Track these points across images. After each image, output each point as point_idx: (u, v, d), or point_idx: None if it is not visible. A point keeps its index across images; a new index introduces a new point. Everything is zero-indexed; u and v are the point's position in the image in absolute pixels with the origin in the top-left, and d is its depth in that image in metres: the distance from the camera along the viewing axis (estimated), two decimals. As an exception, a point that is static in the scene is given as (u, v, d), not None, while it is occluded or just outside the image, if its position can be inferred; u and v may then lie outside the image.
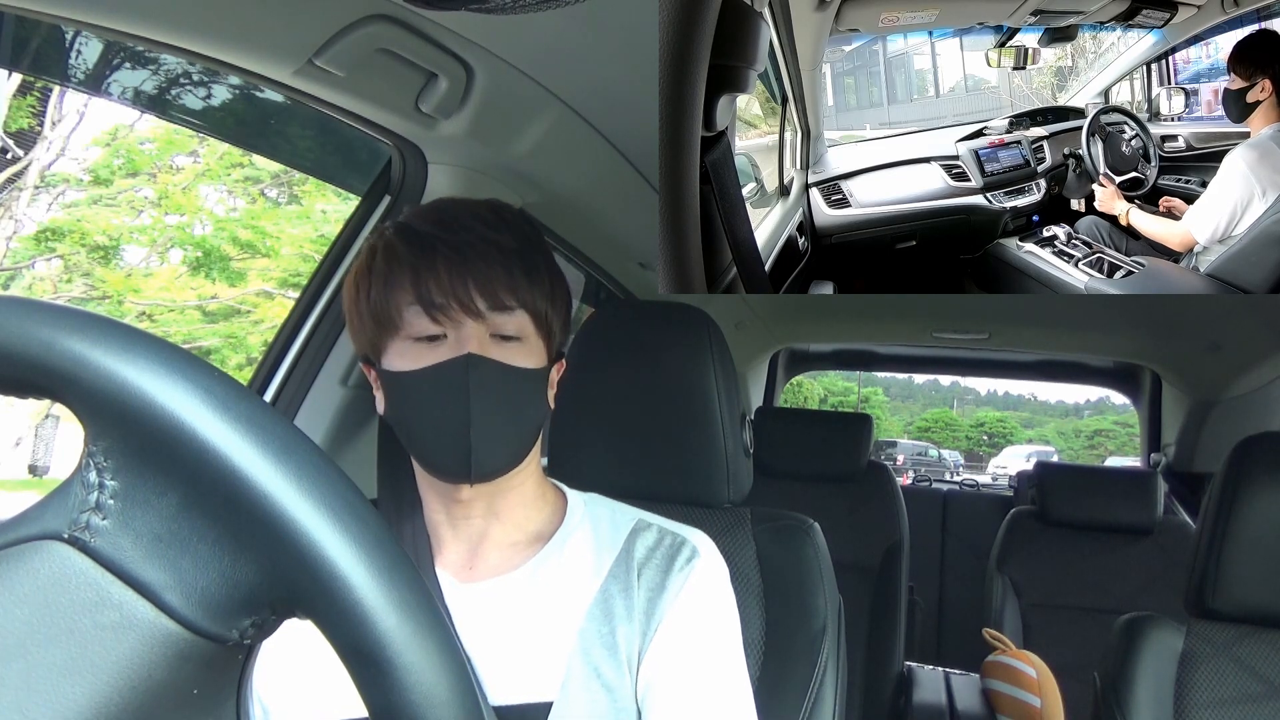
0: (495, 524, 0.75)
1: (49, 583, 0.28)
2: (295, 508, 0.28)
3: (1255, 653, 1.03)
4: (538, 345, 0.72)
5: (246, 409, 0.28)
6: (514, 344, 0.71)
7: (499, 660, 0.69)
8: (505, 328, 0.70)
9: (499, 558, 0.74)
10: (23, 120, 6.62)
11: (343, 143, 1.59)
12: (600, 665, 0.70)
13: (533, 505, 0.77)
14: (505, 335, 0.70)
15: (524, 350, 0.71)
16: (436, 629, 0.29)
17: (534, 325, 0.72)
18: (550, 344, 0.74)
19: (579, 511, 0.78)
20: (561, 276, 0.76)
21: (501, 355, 0.69)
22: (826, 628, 0.95)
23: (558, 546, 0.75)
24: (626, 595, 0.72)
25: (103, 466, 0.29)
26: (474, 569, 0.74)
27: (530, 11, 0.65)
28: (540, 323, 0.72)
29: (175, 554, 0.29)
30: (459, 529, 0.75)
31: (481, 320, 0.69)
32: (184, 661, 0.29)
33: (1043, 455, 15.81)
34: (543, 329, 0.73)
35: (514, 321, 0.70)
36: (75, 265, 7.02)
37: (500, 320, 0.70)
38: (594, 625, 0.71)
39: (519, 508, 0.76)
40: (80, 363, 0.28)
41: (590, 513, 0.78)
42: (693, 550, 0.75)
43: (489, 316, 0.69)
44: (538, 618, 0.71)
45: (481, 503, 0.74)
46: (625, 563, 0.74)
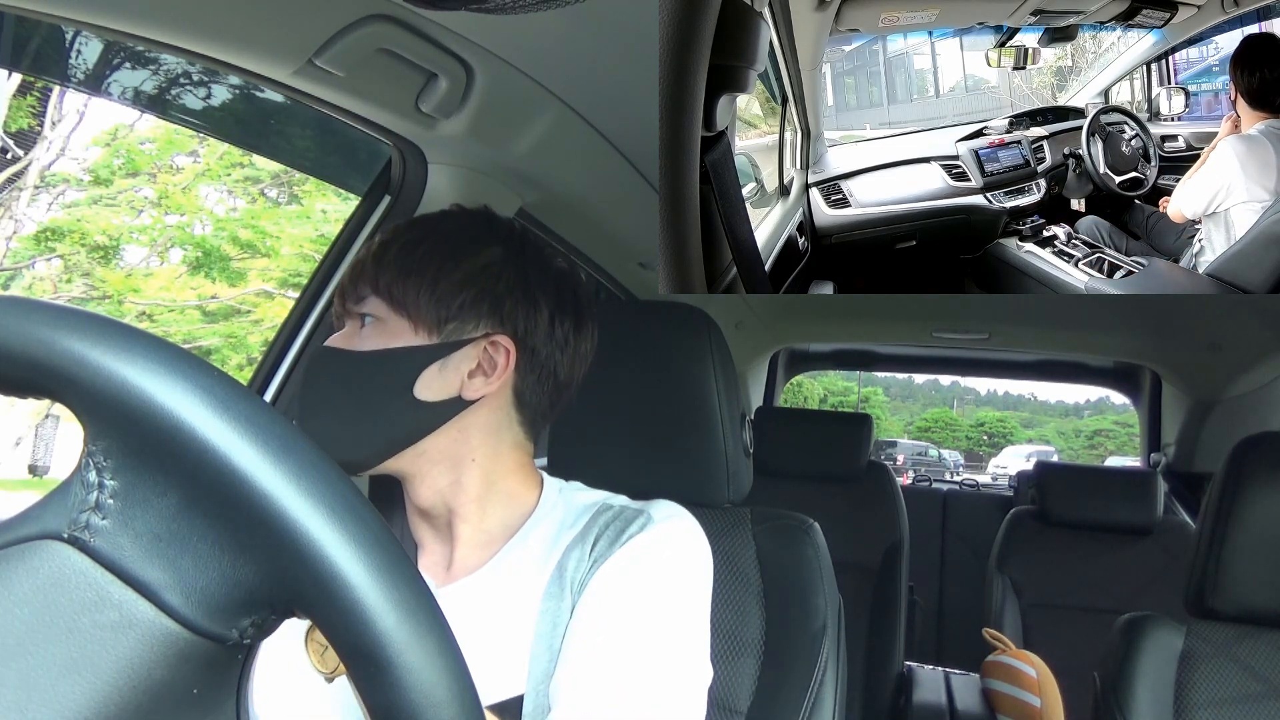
0: (460, 523, 0.73)
1: (49, 582, 0.28)
2: (295, 507, 0.28)
3: (1255, 652, 1.03)
4: (399, 325, 0.70)
5: (246, 409, 0.28)
6: (370, 328, 0.71)
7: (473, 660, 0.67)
8: (362, 309, 0.71)
9: (474, 557, 0.73)
10: (23, 120, 6.62)
11: (343, 143, 1.60)
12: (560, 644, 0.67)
13: (499, 501, 0.74)
14: (365, 319, 0.71)
15: (377, 331, 0.71)
16: (436, 629, 0.29)
17: (389, 306, 0.70)
18: (419, 323, 0.70)
19: (551, 500, 0.75)
20: (455, 257, 0.72)
21: (356, 343, 0.71)
22: (826, 628, 0.95)
23: (522, 538, 0.73)
24: (578, 567, 0.69)
25: (102, 466, 0.29)
26: (451, 570, 0.73)
27: (530, 11, 0.65)
28: (395, 304, 0.70)
29: (175, 554, 0.29)
30: (436, 530, 0.74)
31: (346, 312, 0.72)
32: (184, 661, 0.29)
33: (1043, 455, 15.81)
34: (400, 309, 0.70)
35: (368, 304, 0.71)
36: (75, 265, 7.02)
37: (355, 307, 0.72)
38: (552, 604, 0.68)
39: (475, 504, 0.73)
40: (80, 362, 0.28)
41: (563, 500, 0.75)
42: (648, 518, 0.71)
43: (350, 306, 0.72)
44: (502, 612, 0.69)
45: (438, 502, 0.73)
46: (582, 537, 0.71)
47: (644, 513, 0.72)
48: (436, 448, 0.71)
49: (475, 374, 0.71)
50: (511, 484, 0.75)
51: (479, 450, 0.73)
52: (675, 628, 0.67)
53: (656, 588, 0.68)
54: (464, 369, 0.71)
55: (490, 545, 0.73)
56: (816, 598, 0.96)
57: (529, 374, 0.73)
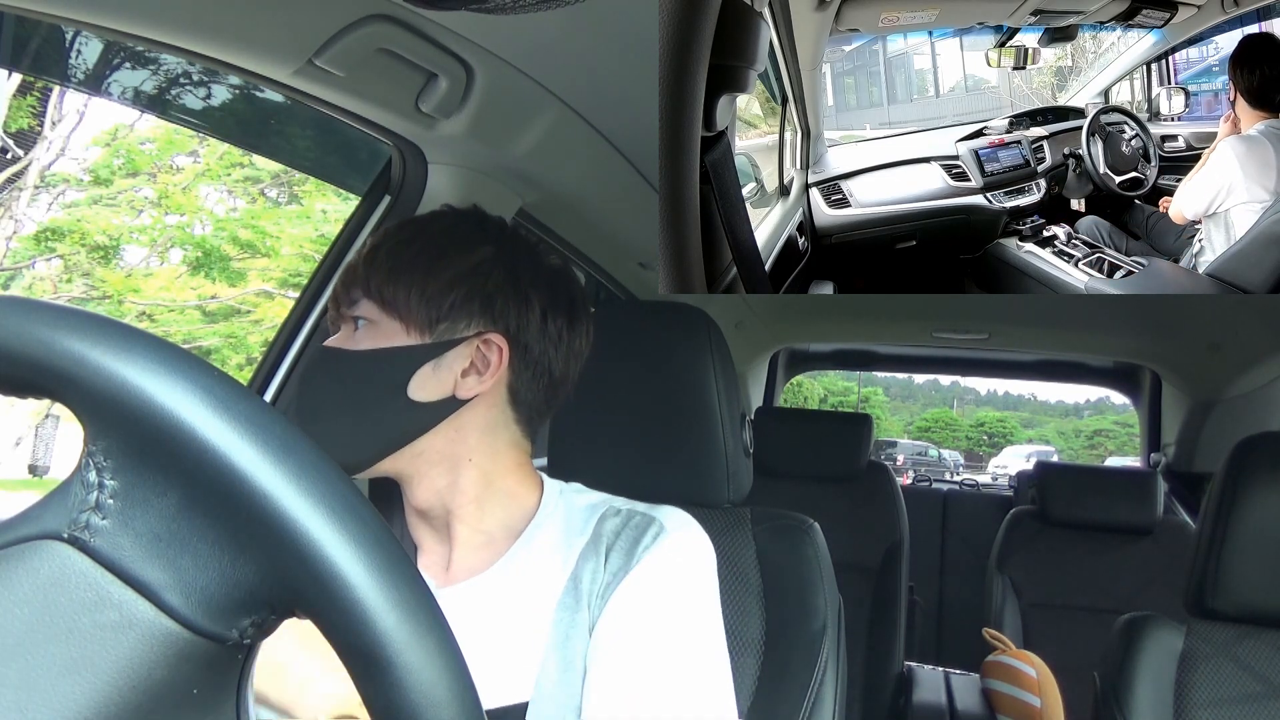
0: (458, 524, 0.73)
1: (49, 582, 0.28)
2: (295, 507, 0.28)
3: (1255, 652, 1.03)
4: (391, 327, 0.71)
5: (246, 409, 0.28)
6: (363, 330, 0.71)
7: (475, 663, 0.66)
8: (354, 312, 0.72)
9: (474, 558, 0.73)
10: (23, 120, 6.62)
11: (343, 143, 1.60)
12: (574, 656, 0.67)
13: (497, 501, 0.73)
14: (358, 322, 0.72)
15: (370, 333, 0.71)
16: (436, 629, 0.29)
17: (380, 309, 0.71)
18: (410, 323, 0.70)
19: (552, 502, 0.75)
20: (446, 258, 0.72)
21: (349, 346, 0.71)
22: (826, 627, 0.95)
23: (527, 541, 0.72)
24: (595, 577, 0.69)
25: (102, 466, 0.29)
26: (450, 571, 0.73)
27: (530, 11, 0.65)
28: (386, 306, 0.71)
29: (175, 553, 0.29)
30: (434, 531, 0.74)
31: (340, 316, 0.73)
32: (184, 661, 0.29)
33: (1043, 455, 15.81)
34: (391, 310, 0.71)
35: (360, 307, 0.72)
36: (75, 265, 7.02)
37: (347, 310, 0.72)
38: (567, 614, 0.68)
39: (473, 505, 0.73)
40: (79, 362, 0.28)
41: (564, 501, 0.75)
42: (660, 527, 0.71)
43: (343, 310, 0.73)
44: (509, 616, 0.69)
45: (436, 503, 0.73)
46: (594, 546, 0.71)
47: (655, 521, 0.72)
48: (433, 448, 0.71)
49: (469, 373, 0.71)
50: (510, 484, 0.74)
51: (476, 450, 0.72)
52: (701, 641, 0.68)
53: (679, 606, 0.69)
54: (457, 368, 0.71)
55: (490, 546, 0.73)
56: (816, 598, 0.96)
57: (523, 371, 0.73)
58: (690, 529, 0.73)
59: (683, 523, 0.73)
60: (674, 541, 0.70)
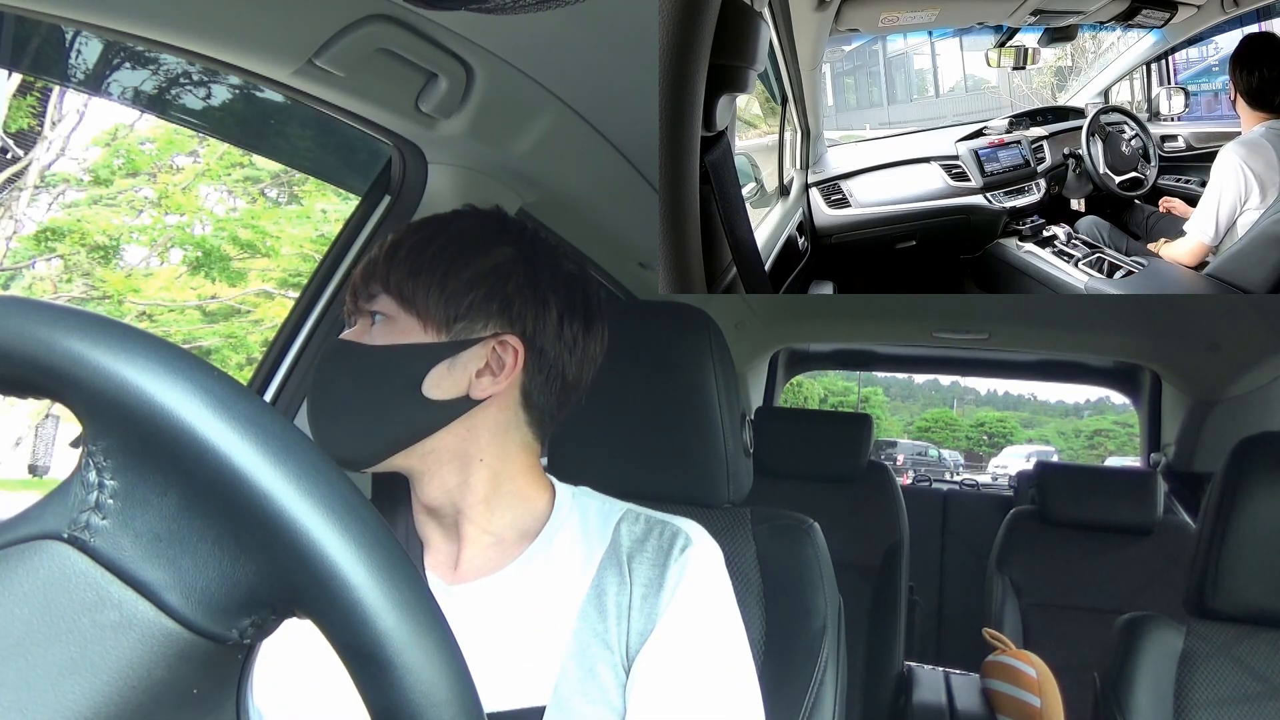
0: (466, 524, 0.73)
1: (49, 582, 0.28)
2: (295, 507, 0.28)
3: (1255, 652, 1.03)
4: (409, 323, 0.71)
5: (246, 409, 0.28)
6: (380, 325, 0.71)
7: (487, 664, 0.66)
8: (372, 306, 0.72)
9: (484, 558, 0.73)
10: (23, 120, 6.63)
11: (343, 143, 1.60)
12: (596, 665, 0.68)
13: (507, 502, 0.73)
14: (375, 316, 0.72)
15: (386, 328, 0.71)
16: (436, 629, 0.29)
17: (398, 304, 0.71)
18: (428, 321, 0.70)
19: (566, 505, 0.75)
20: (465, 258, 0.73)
21: (365, 340, 0.71)
22: (826, 627, 0.95)
23: (545, 543, 0.72)
24: (621, 590, 0.70)
25: (102, 466, 0.29)
26: (459, 570, 0.73)
27: (530, 11, 0.65)
28: (405, 302, 0.71)
29: (175, 554, 0.29)
30: (443, 529, 0.74)
31: (357, 310, 0.73)
32: (184, 661, 0.29)
33: (1043, 455, 15.82)
34: (410, 307, 0.71)
35: (378, 302, 0.72)
36: (75, 265, 7.03)
37: (365, 305, 0.72)
38: (589, 624, 0.69)
39: (482, 505, 0.73)
40: (79, 362, 0.28)
41: (578, 505, 0.75)
42: (686, 539, 0.72)
43: (361, 304, 0.72)
44: (527, 619, 0.69)
45: (445, 501, 0.73)
46: (615, 555, 0.71)
47: (680, 533, 0.73)
48: (444, 446, 0.71)
49: (483, 373, 0.71)
50: (520, 485, 0.74)
51: (487, 450, 0.73)
52: (744, 646, 0.72)
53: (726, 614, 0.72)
54: (472, 368, 0.71)
55: (500, 547, 0.73)
56: (816, 598, 0.96)
57: (537, 374, 0.73)
58: (709, 539, 0.74)
59: (701, 533, 0.74)
60: (700, 556, 0.72)
